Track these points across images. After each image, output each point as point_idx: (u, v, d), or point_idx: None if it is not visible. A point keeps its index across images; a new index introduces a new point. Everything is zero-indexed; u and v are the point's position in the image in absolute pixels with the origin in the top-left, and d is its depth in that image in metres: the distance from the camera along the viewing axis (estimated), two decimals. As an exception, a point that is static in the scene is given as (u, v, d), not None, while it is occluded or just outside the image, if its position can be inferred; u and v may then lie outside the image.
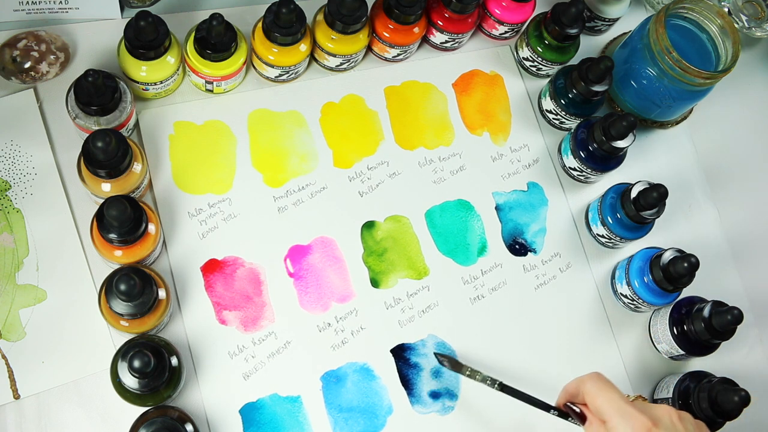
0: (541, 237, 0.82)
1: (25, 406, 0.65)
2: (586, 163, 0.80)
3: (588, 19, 0.88)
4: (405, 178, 0.80)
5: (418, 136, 0.82)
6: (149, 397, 0.62)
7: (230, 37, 0.71)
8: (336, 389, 0.71)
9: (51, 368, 0.66)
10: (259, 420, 0.69)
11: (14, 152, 0.71)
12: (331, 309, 0.74)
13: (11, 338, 0.66)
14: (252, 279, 0.73)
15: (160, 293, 0.64)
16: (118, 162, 0.64)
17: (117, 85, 0.67)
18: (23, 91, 0.73)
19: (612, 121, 0.77)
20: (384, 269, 0.76)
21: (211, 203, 0.74)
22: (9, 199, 0.70)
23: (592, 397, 0.60)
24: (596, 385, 0.60)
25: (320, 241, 0.76)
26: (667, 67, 0.78)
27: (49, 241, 0.69)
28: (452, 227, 0.79)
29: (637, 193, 0.76)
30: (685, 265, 0.72)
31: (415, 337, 0.75)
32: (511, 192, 0.82)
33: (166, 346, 0.64)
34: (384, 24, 0.79)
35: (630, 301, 0.78)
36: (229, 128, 0.77)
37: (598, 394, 0.60)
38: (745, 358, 0.83)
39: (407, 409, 0.72)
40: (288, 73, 0.78)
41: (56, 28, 0.75)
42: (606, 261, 0.82)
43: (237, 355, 0.70)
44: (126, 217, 0.61)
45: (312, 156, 0.78)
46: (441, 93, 0.84)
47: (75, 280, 0.69)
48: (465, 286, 0.78)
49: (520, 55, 0.87)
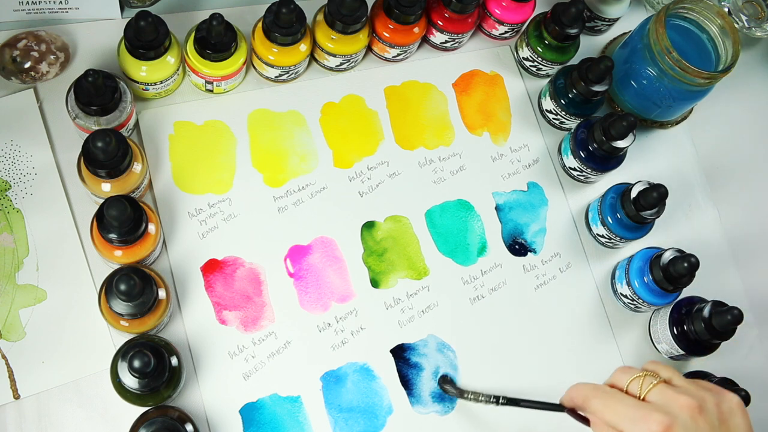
0: (541, 237, 0.82)
1: (25, 406, 0.65)
2: (586, 163, 0.80)
3: (588, 19, 0.88)
4: (405, 178, 0.80)
5: (418, 136, 0.82)
6: (149, 397, 0.62)
7: (230, 37, 0.71)
8: (336, 389, 0.71)
9: (51, 368, 0.66)
10: (259, 420, 0.69)
11: (14, 152, 0.71)
12: (331, 309, 0.74)
13: (11, 338, 0.66)
14: (252, 279, 0.73)
15: (160, 293, 0.64)
16: (118, 162, 0.64)
17: (117, 85, 0.67)
18: (23, 91, 0.73)
19: (612, 121, 0.77)
20: (384, 269, 0.76)
21: (211, 203, 0.74)
22: (9, 199, 0.70)
23: (601, 414, 0.56)
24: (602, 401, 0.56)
25: (320, 241, 0.76)
26: (667, 67, 0.78)
27: (49, 241, 0.69)
28: (452, 227, 0.79)
29: (637, 193, 0.76)
30: (685, 265, 0.72)
31: (415, 337, 0.75)
32: (511, 192, 0.82)
33: (166, 346, 0.64)
34: (384, 24, 0.79)
35: (630, 301, 0.78)
36: (229, 128, 0.77)
37: (606, 410, 0.56)
38: (745, 358, 0.83)
39: (407, 409, 0.72)
40: (288, 73, 0.78)
41: (56, 28, 0.75)
42: (606, 261, 0.82)
43: (237, 355, 0.70)
44: (126, 217, 0.61)
45: (312, 156, 0.78)
46: (441, 93, 0.84)
47: (75, 280, 0.69)
48: (465, 286, 0.78)
49: (520, 55, 0.87)
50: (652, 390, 0.56)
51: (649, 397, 0.55)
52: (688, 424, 0.53)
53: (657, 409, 0.53)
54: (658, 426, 0.52)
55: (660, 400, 0.55)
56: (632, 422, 0.53)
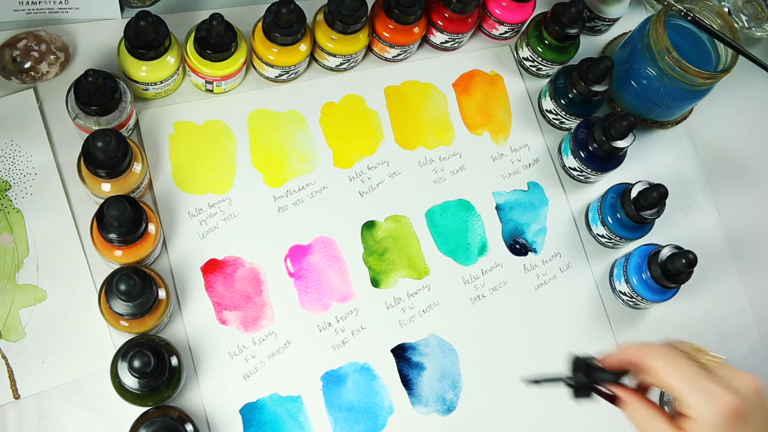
0: (542, 237, 0.82)
1: (25, 406, 0.65)
2: (586, 163, 0.80)
3: (588, 19, 0.88)
4: (405, 177, 0.80)
5: (419, 136, 0.82)
6: (149, 397, 0.62)
7: (230, 37, 0.71)
8: (336, 389, 0.71)
9: (51, 368, 0.66)
10: (260, 420, 0.69)
11: (14, 152, 0.71)
12: (331, 309, 0.74)
13: (11, 338, 0.66)
14: (252, 279, 0.73)
15: (160, 293, 0.64)
16: (118, 162, 0.64)
17: (117, 85, 0.67)
18: (23, 91, 0.73)
19: (612, 121, 0.77)
20: (384, 269, 0.76)
21: (211, 203, 0.74)
22: (9, 199, 0.70)
23: (662, 374, 0.51)
24: (668, 361, 0.51)
25: (320, 241, 0.76)
26: (667, 67, 0.78)
27: (49, 241, 0.69)
28: (453, 227, 0.79)
29: (637, 193, 0.76)
30: (683, 261, 0.72)
31: (416, 336, 0.75)
32: (512, 192, 0.82)
33: (166, 346, 0.64)
34: (384, 24, 0.79)
35: (629, 298, 0.78)
36: (229, 128, 0.77)
37: (670, 372, 0.50)
38: (745, 358, 0.83)
39: (408, 409, 0.72)
40: (288, 73, 0.78)
41: (56, 28, 0.75)
42: (606, 261, 0.82)
43: (237, 355, 0.70)
44: (126, 217, 0.61)
45: (312, 156, 0.78)
46: (441, 93, 0.84)
47: (75, 280, 0.69)
48: (465, 285, 0.78)
49: (520, 55, 0.87)
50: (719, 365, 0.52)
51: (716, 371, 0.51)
52: (756, 404, 0.49)
53: (725, 386, 0.49)
54: (726, 404, 0.49)
55: (727, 376, 0.51)
56: (699, 393, 0.49)
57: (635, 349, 0.54)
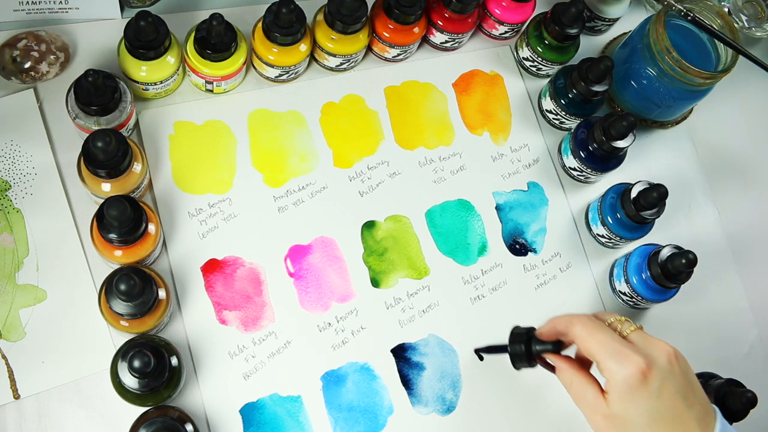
0: (542, 237, 0.82)
1: (25, 406, 0.65)
2: (586, 163, 0.80)
3: (588, 19, 0.88)
4: (405, 177, 0.80)
5: (419, 136, 0.82)
6: (149, 397, 0.62)
7: (230, 37, 0.71)
8: (336, 389, 0.71)
9: (51, 368, 0.66)
10: (260, 420, 0.69)
11: (14, 152, 0.71)
12: (331, 309, 0.74)
13: (11, 338, 0.66)
14: (252, 279, 0.73)
15: (160, 293, 0.64)
16: (118, 162, 0.64)
17: (117, 85, 0.67)
18: (23, 91, 0.73)
19: (612, 121, 0.77)
20: (384, 269, 0.76)
21: (211, 203, 0.74)
22: (9, 199, 0.70)
23: (582, 340, 0.57)
24: (586, 328, 0.57)
25: (320, 241, 0.76)
26: (667, 67, 0.78)
27: (49, 241, 0.69)
28: (452, 227, 0.79)
29: (637, 193, 0.76)
30: (684, 261, 0.72)
31: (416, 336, 0.75)
32: (512, 192, 0.82)
33: (166, 346, 0.64)
34: (384, 24, 0.79)
35: (629, 298, 0.78)
36: (229, 128, 0.77)
37: (589, 338, 0.56)
38: (745, 358, 0.83)
39: (408, 409, 0.72)
40: (288, 73, 0.78)
41: (56, 28, 0.75)
42: (606, 261, 0.82)
43: (237, 355, 0.70)
44: (126, 217, 0.61)
45: (312, 156, 0.78)
46: (441, 93, 0.84)
47: (75, 280, 0.69)
48: (465, 285, 0.78)
49: (520, 55, 0.87)
50: (633, 332, 0.57)
51: (631, 338, 0.57)
52: (664, 367, 0.55)
53: (637, 351, 0.55)
54: (636, 367, 0.54)
55: (640, 342, 0.56)
56: (612, 357, 0.55)
57: (561, 319, 0.59)
